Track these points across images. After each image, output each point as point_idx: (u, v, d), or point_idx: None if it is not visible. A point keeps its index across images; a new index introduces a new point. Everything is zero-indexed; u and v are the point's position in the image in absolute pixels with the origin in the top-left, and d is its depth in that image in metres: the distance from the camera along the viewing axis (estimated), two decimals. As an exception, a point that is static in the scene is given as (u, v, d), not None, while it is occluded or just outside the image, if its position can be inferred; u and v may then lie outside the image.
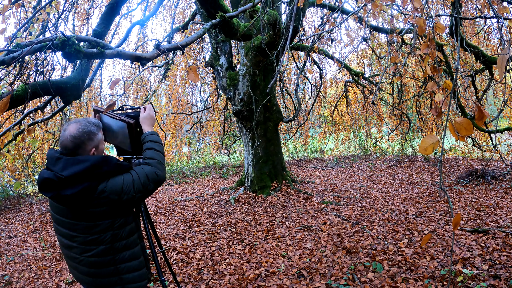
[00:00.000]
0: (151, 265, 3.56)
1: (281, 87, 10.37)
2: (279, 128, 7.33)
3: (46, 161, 1.46)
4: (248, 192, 6.44)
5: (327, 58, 9.86)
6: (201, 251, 3.91)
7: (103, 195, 1.40)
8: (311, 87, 10.81)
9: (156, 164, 1.54)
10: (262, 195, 6.11)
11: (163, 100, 12.47)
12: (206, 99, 11.83)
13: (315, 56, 9.59)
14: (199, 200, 6.54)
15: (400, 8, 4.85)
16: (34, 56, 3.22)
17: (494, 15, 2.25)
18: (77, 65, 3.17)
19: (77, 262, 1.49)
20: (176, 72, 10.49)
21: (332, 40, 7.54)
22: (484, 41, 7.67)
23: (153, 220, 5.42)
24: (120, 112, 1.84)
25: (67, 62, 5.01)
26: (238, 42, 6.72)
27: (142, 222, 1.99)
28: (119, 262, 1.49)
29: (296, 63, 9.54)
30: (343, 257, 3.42)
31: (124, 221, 1.51)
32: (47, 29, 4.26)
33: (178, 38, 9.62)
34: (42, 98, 4.52)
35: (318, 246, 3.78)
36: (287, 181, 6.61)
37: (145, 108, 1.74)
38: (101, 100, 10.00)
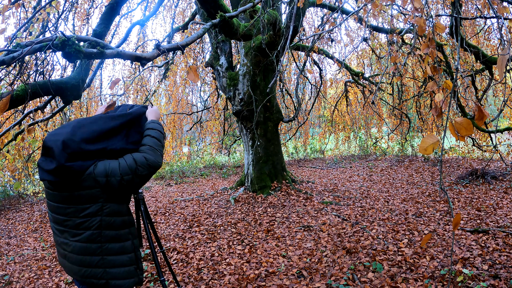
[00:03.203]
0: (151, 265, 3.56)
1: (281, 87, 10.37)
2: (279, 128, 7.33)
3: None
4: (248, 192, 6.44)
5: (327, 58, 9.86)
6: (201, 251, 3.91)
7: (91, 176, 1.45)
8: (311, 87, 10.81)
9: (147, 149, 1.56)
10: (262, 195, 6.11)
11: (163, 100, 12.46)
12: (206, 99, 11.82)
13: (315, 56, 9.59)
14: (199, 200, 6.53)
15: (400, 8, 4.85)
16: (34, 56, 3.22)
17: (494, 15, 2.25)
18: (77, 65, 3.17)
19: (67, 247, 1.52)
20: (176, 72, 10.48)
21: (332, 40, 7.54)
22: (484, 41, 7.67)
23: (153, 220, 5.42)
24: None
25: (67, 62, 5.00)
26: (238, 42, 6.72)
27: (142, 222, 1.99)
28: (106, 253, 1.49)
29: (296, 63, 9.53)
30: (343, 257, 3.42)
31: (117, 210, 1.52)
32: (47, 29, 4.25)
33: (178, 38, 9.62)
34: (42, 98, 4.52)
35: (318, 246, 3.78)
36: (287, 181, 6.61)
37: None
38: (101, 100, 10.00)
